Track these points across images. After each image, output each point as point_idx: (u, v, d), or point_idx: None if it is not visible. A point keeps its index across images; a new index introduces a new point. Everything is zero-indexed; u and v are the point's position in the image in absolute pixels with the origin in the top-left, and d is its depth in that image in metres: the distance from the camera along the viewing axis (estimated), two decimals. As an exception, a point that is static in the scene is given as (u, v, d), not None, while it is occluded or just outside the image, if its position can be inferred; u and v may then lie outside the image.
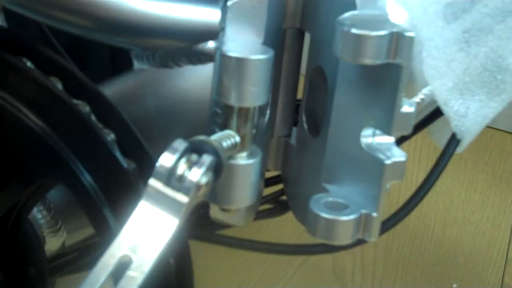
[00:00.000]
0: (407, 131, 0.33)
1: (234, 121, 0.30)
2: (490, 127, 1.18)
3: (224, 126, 0.30)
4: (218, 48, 0.29)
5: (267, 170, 0.39)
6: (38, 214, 0.35)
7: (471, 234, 0.98)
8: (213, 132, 0.30)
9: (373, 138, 0.33)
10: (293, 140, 0.39)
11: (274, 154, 0.39)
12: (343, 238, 0.32)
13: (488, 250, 0.95)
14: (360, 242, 0.34)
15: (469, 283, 0.90)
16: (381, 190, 0.32)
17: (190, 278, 0.31)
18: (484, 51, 0.37)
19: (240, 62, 0.28)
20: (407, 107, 0.32)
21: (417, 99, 0.36)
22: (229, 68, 0.28)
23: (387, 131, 0.32)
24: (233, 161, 0.30)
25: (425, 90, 0.36)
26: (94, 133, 0.29)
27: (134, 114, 0.34)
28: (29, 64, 0.29)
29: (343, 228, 0.32)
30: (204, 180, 0.25)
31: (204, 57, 0.33)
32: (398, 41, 0.29)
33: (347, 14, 0.30)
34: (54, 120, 0.29)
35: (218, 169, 0.26)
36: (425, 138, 0.47)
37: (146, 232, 0.25)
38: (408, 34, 0.30)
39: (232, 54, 0.28)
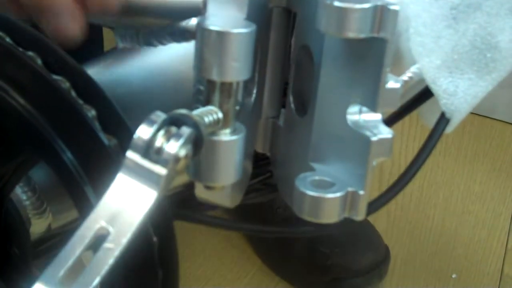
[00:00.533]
0: (393, 107, 0.32)
1: (216, 97, 0.29)
2: (490, 118, 1.19)
3: (206, 102, 0.30)
4: (199, 23, 0.29)
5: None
6: (23, 195, 0.34)
7: (470, 224, 0.98)
8: (195, 108, 0.30)
9: (360, 116, 0.32)
10: (281, 121, 0.38)
11: (262, 135, 0.39)
12: (329, 216, 0.32)
13: (488, 240, 0.96)
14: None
15: (468, 274, 0.90)
16: (367, 167, 0.32)
17: (175, 258, 0.31)
18: (472, 28, 0.36)
19: (221, 35, 0.28)
20: (392, 83, 0.32)
21: (404, 77, 0.36)
22: (210, 42, 0.28)
23: (372, 108, 0.32)
24: (215, 137, 0.29)
25: (413, 68, 0.36)
26: (74, 110, 0.28)
27: (117, 92, 0.33)
28: (8, 39, 0.29)
29: (329, 206, 0.32)
30: (182, 152, 0.25)
31: (188, 35, 0.33)
32: (383, 14, 0.29)
33: None
34: (33, 96, 0.29)
35: (198, 143, 0.26)
36: (413, 118, 0.46)
37: (124, 204, 0.25)
38: (392, 7, 0.29)
39: (213, 28, 0.28)
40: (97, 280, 0.23)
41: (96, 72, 0.36)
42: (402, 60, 0.36)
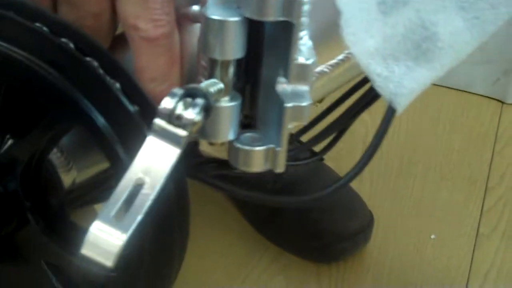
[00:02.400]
0: (305, 80, 0.37)
1: (218, 72, 0.36)
2: (467, 92, 1.24)
3: (209, 76, 0.37)
4: (203, 12, 0.35)
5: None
6: (52, 156, 0.40)
7: (448, 190, 1.03)
8: (201, 81, 0.37)
9: (288, 86, 0.37)
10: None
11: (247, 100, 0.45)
12: (257, 166, 0.39)
13: (465, 204, 1.01)
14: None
15: (446, 234, 0.96)
16: (283, 129, 0.37)
17: (187, 202, 0.38)
18: (402, 22, 0.38)
19: (222, 23, 0.35)
20: (303, 59, 0.36)
21: (335, 60, 0.40)
22: (213, 29, 0.35)
23: (288, 80, 0.37)
24: (218, 104, 0.36)
25: (346, 53, 0.40)
26: (103, 83, 0.35)
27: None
28: (45, 28, 0.35)
29: (255, 158, 0.38)
30: (197, 118, 0.32)
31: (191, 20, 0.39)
32: (290, 1, 0.34)
33: None
34: (70, 74, 0.35)
35: (208, 110, 0.33)
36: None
37: (154, 160, 0.31)
38: None
39: (215, 17, 0.35)
40: (140, 217, 0.30)
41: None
42: (342, 43, 0.39)
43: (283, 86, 0.37)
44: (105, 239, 0.29)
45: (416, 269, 0.91)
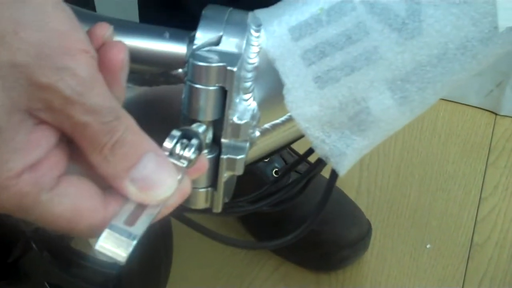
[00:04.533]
0: (238, 137, 0.41)
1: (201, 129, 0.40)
2: (462, 104, 1.25)
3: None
4: (188, 79, 0.39)
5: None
6: None
7: (443, 200, 1.06)
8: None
9: (230, 141, 0.41)
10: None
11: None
12: (198, 205, 0.43)
13: (459, 214, 1.04)
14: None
15: (441, 243, 0.99)
16: (219, 176, 0.42)
17: (170, 230, 0.43)
18: (336, 96, 0.41)
19: (204, 91, 0.39)
20: (236, 119, 0.41)
21: (278, 120, 0.43)
22: (197, 95, 0.39)
23: (224, 136, 0.41)
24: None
25: (287, 115, 0.42)
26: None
27: None
28: None
29: (198, 197, 0.43)
30: (193, 156, 0.35)
31: (175, 79, 0.43)
32: (225, 72, 0.39)
33: (206, 49, 0.40)
34: None
35: (201, 148, 0.37)
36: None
37: None
38: (229, 68, 0.39)
39: (198, 86, 0.39)
40: (147, 226, 0.33)
41: None
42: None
43: (225, 140, 0.41)
44: (117, 243, 0.32)
45: (412, 278, 0.94)
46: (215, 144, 0.42)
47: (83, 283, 0.46)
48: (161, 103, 0.46)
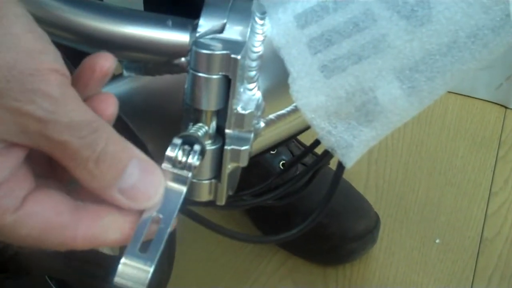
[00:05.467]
0: (242, 127, 0.40)
1: (203, 119, 0.39)
2: (471, 97, 1.25)
3: (196, 121, 0.39)
4: (191, 67, 0.38)
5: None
6: None
7: (452, 194, 1.05)
8: (187, 123, 0.40)
9: (234, 131, 0.40)
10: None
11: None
12: (202, 197, 0.42)
13: (469, 208, 1.03)
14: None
15: (450, 238, 0.98)
16: (224, 168, 0.41)
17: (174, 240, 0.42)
18: (343, 85, 0.40)
19: (208, 80, 0.38)
20: (240, 109, 0.40)
21: (284, 111, 0.42)
22: (200, 84, 0.38)
23: (227, 126, 0.40)
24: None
25: (293, 106, 0.42)
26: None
27: (124, 109, 0.43)
28: None
29: (201, 189, 0.42)
30: (197, 162, 0.35)
31: (178, 69, 0.42)
32: (228, 60, 0.37)
33: (209, 36, 0.39)
34: None
35: (203, 153, 0.36)
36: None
37: (165, 199, 0.34)
38: (233, 56, 0.37)
39: (201, 74, 0.38)
40: (161, 247, 0.33)
41: (108, 90, 0.46)
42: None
43: (229, 131, 0.40)
44: (135, 271, 0.32)
45: (421, 273, 0.94)
46: (219, 134, 0.41)
47: (84, 277, 0.46)
48: (165, 94, 0.45)
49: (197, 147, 0.36)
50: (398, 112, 0.41)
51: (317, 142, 0.45)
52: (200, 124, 0.40)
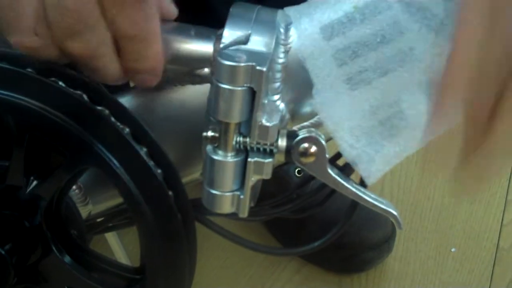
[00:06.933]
0: (267, 139, 0.39)
1: (227, 130, 0.39)
2: None
3: (219, 133, 0.39)
4: (215, 79, 0.38)
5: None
6: (71, 192, 0.44)
7: (468, 202, 1.04)
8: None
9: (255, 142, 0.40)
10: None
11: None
12: (224, 209, 0.42)
13: (484, 217, 1.02)
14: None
15: (466, 247, 0.97)
16: (247, 180, 0.40)
17: (189, 205, 0.42)
18: (368, 98, 0.39)
19: (232, 92, 0.38)
20: (264, 122, 0.39)
21: (307, 122, 0.42)
22: (224, 96, 0.38)
23: (252, 138, 0.39)
24: (225, 159, 0.39)
25: (316, 118, 0.42)
26: (114, 129, 0.38)
27: (145, 119, 0.43)
28: (60, 83, 0.39)
29: (223, 202, 0.42)
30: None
31: (200, 79, 0.42)
32: (253, 71, 0.37)
33: (234, 47, 0.39)
34: (85, 123, 0.39)
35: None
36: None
37: None
38: (258, 68, 0.37)
39: (226, 86, 0.37)
40: None
41: (126, 100, 0.46)
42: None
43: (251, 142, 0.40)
44: None
45: (437, 282, 0.93)
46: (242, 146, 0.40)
47: (104, 288, 0.45)
48: (186, 104, 0.45)
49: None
50: (423, 128, 0.40)
51: (338, 155, 0.44)
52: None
